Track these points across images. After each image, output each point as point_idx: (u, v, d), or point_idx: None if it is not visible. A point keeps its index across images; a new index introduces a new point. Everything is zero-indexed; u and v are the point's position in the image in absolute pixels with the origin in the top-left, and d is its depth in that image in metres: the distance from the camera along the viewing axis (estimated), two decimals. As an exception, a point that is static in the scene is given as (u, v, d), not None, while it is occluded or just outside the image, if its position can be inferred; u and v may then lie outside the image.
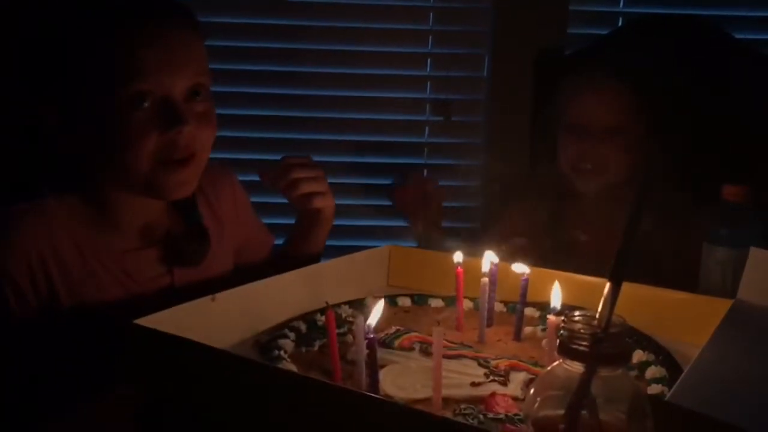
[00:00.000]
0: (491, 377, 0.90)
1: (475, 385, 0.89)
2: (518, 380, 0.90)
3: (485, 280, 1.08)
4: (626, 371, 0.62)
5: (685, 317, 1.06)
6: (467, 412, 0.82)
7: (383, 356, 0.93)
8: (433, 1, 1.95)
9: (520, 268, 1.09)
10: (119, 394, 0.90)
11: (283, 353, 0.95)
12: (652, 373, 0.92)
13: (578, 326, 0.60)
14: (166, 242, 1.17)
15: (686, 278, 1.25)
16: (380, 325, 0.88)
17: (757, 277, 1.06)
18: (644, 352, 0.96)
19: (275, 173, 1.29)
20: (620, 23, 1.96)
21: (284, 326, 1.04)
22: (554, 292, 1.00)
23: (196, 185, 1.14)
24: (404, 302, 1.18)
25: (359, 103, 1.95)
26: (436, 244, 1.56)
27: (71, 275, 1.07)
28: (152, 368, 0.88)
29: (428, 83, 1.97)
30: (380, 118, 1.96)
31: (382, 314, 0.87)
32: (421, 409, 0.80)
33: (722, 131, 1.71)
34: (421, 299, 1.19)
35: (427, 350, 0.98)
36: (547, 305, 1.01)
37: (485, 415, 0.81)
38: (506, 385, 0.89)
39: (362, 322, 0.87)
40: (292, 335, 1.01)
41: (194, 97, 1.09)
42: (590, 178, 1.62)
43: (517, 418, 0.80)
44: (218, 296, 0.99)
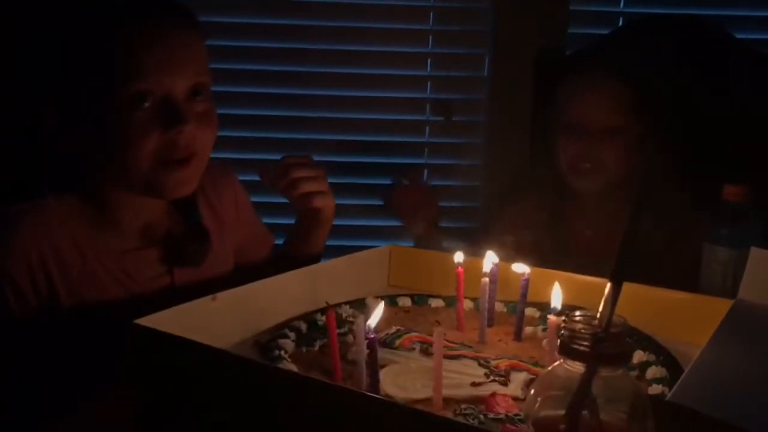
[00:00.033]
0: (492, 377, 0.90)
1: (475, 385, 0.88)
2: (519, 380, 0.90)
3: (486, 280, 1.08)
4: (627, 371, 0.62)
5: (685, 317, 1.05)
6: (468, 412, 0.82)
7: (384, 356, 0.92)
8: (433, 0, 1.95)
9: (520, 268, 1.09)
10: (119, 394, 0.90)
11: (283, 353, 0.95)
12: (652, 373, 0.92)
13: (579, 326, 0.60)
14: (166, 242, 1.17)
15: (686, 278, 1.26)
16: (381, 325, 0.88)
17: (757, 277, 1.06)
18: (645, 352, 0.96)
19: (275, 173, 1.29)
20: (620, 23, 1.96)
21: (285, 326, 1.04)
22: (555, 292, 1.00)
23: (196, 184, 1.14)
24: (404, 302, 1.18)
25: (359, 102, 1.95)
26: (435, 244, 1.56)
27: (71, 275, 1.07)
28: (152, 368, 0.88)
29: (428, 83, 1.97)
30: (380, 117, 1.96)
31: (382, 315, 0.87)
32: (421, 409, 0.80)
33: (722, 131, 1.71)
34: (421, 299, 1.19)
35: (427, 350, 0.98)
36: (547, 305, 1.01)
37: (486, 415, 0.81)
38: (507, 385, 0.89)
39: (363, 322, 0.87)
40: (292, 335, 1.01)
41: (195, 96, 1.09)
42: (589, 177, 1.62)
43: (517, 418, 0.79)
44: (219, 296, 0.99)
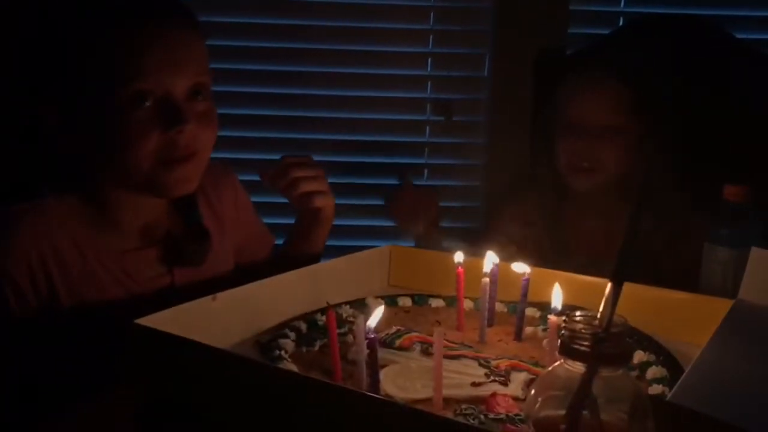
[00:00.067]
0: (492, 377, 0.90)
1: (475, 385, 0.88)
2: (519, 380, 0.90)
3: (486, 280, 1.08)
4: (627, 371, 0.62)
5: (686, 317, 1.05)
6: (468, 412, 0.82)
7: (384, 356, 0.92)
8: (433, 0, 1.95)
9: (520, 268, 1.09)
10: (119, 394, 0.90)
11: (283, 353, 0.95)
12: (653, 373, 0.92)
13: (579, 326, 0.60)
14: (166, 242, 1.17)
15: (687, 278, 1.25)
16: (381, 325, 0.88)
17: (758, 277, 1.06)
18: (645, 352, 0.96)
19: (275, 172, 1.29)
20: (621, 23, 1.96)
21: (285, 326, 1.04)
22: (555, 292, 1.00)
23: (197, 183, 1.14)
24: (405, 302, 1.18)
25: (360, 102, 1.95)
26: (435, 244, 1.56)
27: (71, 275, 1.07)
28: (152, 368, 0.88)
29: (429, 83, 1.97)
30: (381, 117, 1.96)
31: (382, 315, 0.87)
32: (421, 409, 0.80)
33: (722, 131, 1.71)
34: (421, 299, 1.19)
35: (427, 350, 0.98)
36: (547, 305, 1.01)
37: (486, 415, 0.81)
38: (507, 385, 0.89)
39: (363, 322, 0.86)
40: (292, 335, 1.01)
41: (195, 96, 1.09)
42: (587, 177, 1.62)
43: (518, 418, 0.79)
44: (219, 296, 0.99)
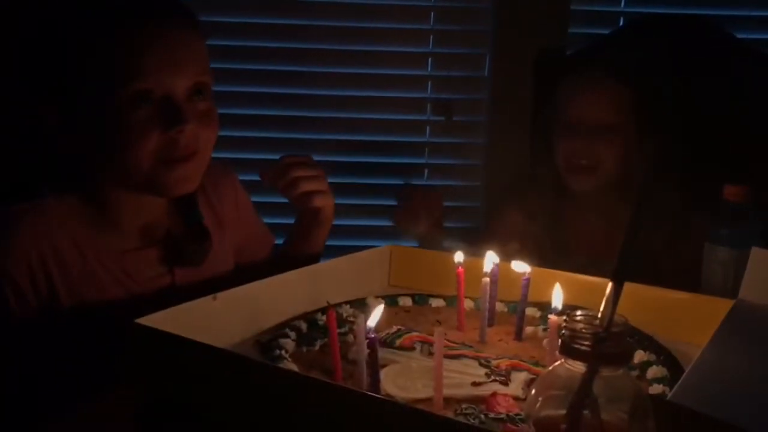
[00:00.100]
0: (492, 377, 0.90)
1: (476, 384, 0.88)
2: (519, 380, 0.90)
3: (486, 279, 1.08)
4: (628, 371, 0.62)
5: (686, 317, 1.05)
6: (468, 411, 0.82)
7: (384, 356, 0.92)
8: (434, 0, 1.95)
9: (521, 267, 1.09)
10: (119, 394, 0.90)
11: (284, 353, 0.95)
12: (653, 373, 0.92)
13: (580, 326, 0.60)
14: (166, 242, 1.17)
15: (687, 278, 1.25)
16: (381, 324, 0.88)
17: (758, 276, 1.06)
18: (645, 352, 0.96)
19: (274, 172, 1.29)
20: (621, 23, 1.96)
21: (285, 326, 1.04)
22: (555, 292, 1.00)
23: (198, 182, 1.14)
24: (405, 302, 1.18)
25: (360, 102, 1.95)
26: (436, 243, 1.56)
27: (71, 275, 1.07)
28: (152, 368, 0.87)
29: (429, 83, 1.97)
30: (381, 117, 1.96)
31: (382, 315, 0.87)
32: (422, 408, 0.80)
33: (722, 131, 1.71)
34: (422, 299, 1.19)
35: (428, 350, 0.97)
36: (548, 305, 1.01)
37: (486, 414, 0.81)
38: (507, 384, 0.89)
39: (363, 321, 0.86)
40: (293, 335, 1.01)
41: (196, 96, 1.09)
42: (585, 175, 1.62)
43: (518, 417, 0.79)
44: (219, 296, 0.99)
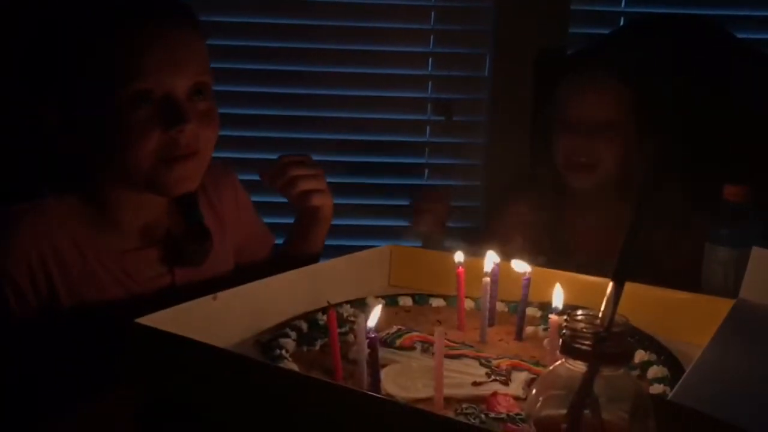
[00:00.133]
0: (493, 377, 0.90)
1: (476, 384, 0.88)
2: (520, 380, 0.90)
3: (487, 279, 1.08)
4: (628, 371, 0.62)
5: (687, 317, 1.05)
6: (469, 411, 0.82)
7: (385, 356, 0.92)
8: (434, 0, 1.95)
9: (521, 267, 1.09)
10: (119, 394, 0.90)
11: (284, 352, 0.95)
12: (654, 372, 0.92)
13: (581, 325, 0.60)
14: (166, 242, 1.17)
15: (687, 278, 1.25)
16: (382, 324, 0.88)
17: (759, 276, 1.06)
18: (646, 351, 0.96)
19: (273, 171, 1.29)
20: (621, 23, 1.96)
21: (285, 325, 1.04)
22: (556, 291, 1.00)
23: (198, 182, 1.14)
24: (405, 302, 1.18)
25: (360, 102, 1.95)
26: (437, 243, 1.56)
27: (71, 275, 1.07)
28: (152, 368, 0.88)
29: (429, 83, 1.97)
30: (381, 117, 1.96)
31: (382, 315, 0.87)
32: (422, 408, 0.79)
33: (722, 131, 1.71)
34: (422, 299, 1.19)
35: (428, 350, 0.97)
36: (548, 305, 1.01)
37: (487, 414, 0.81)
38: (508, 384, 0.89)
39: (363, 321, 0.86)
40: (293, 334, 1.01)
41: (196, 96, 1.09)
42: (584, 173, 1.62)
43: (518, 417, 0.79)
44: (219, 296, 0.99)
